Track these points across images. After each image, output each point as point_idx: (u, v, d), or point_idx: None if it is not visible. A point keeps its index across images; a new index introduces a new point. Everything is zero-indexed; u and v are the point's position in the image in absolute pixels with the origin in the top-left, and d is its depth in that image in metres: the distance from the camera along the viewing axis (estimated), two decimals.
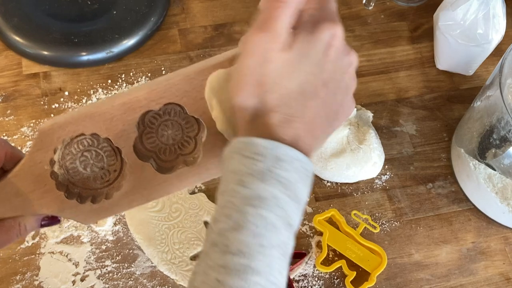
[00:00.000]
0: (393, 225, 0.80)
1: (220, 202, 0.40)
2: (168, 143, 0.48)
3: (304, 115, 0.40)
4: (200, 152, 0.48)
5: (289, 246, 0.40)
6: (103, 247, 0.75)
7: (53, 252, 0.74)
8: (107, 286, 0.73)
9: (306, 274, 0.75)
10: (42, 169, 0.48)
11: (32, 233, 0.75)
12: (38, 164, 0.48)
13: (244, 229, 0.38)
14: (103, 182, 0.49)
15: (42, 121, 0.83)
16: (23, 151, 0.81)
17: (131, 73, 0.88)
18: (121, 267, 0.74)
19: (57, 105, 0.85)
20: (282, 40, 0.40)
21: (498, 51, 0.89)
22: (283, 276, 0.40)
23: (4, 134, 0.82)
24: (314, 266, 0.76)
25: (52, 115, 0.84)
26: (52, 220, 0.50)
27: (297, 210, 0.40)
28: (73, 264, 0.74)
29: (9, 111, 0.84)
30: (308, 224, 0.78)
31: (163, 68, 0.89)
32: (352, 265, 0.75)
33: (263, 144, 0.39)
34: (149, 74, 0.88)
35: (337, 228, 0.77)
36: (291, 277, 0.74)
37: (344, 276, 0.75)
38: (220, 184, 0.41)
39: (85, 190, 0.49)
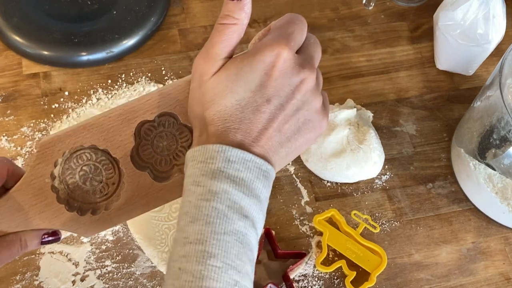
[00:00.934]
0: (393, 225, 0.80)
1: (181, 204, 0.44)
2: (163, 154, 0.50)
3: (245, 127, 0.44)
4: None
5: (248, 236, 0.43)
6: (103, 247, 0.75)
7: (53, 252, 0.74)
8: (107, 286, 0.73)
9: (306, 274, 0.75)
10: (43, 182, 0.49)
11: None
12: (40, 177, 0.49)
13: (199, 220, 0.42)
14: (102, 195, 0.50)
15: (42, 121, 0.83)
16: (23, 151, 0.81)
17: (131, 73, 0.88)
18: (121, 267, 0.74)
19: (57, 105, 0.85)
20: (216, 64, 0.45)
21: (498, 51, 0.89)
22: (244, 262, 0.43)
23: (4, 134, 0.82)
24: (314, 266, 0.76)
25: (52, 115, 0.84)
26: (53, 237, 0.51)
27: (256, 206, 0.44)
28: (73, 264, 0.74)
29: (9, 111, 0.84)
30: (308, 224, 0.78)
31: (163, 68, 0.89)
32: (352, 265, 0.75)
33: (213, 149, 0.43)
34: (149, 74, 0.88)
35: (337, 228, 0.77)
36: (291, 277, 0.74)
37: (344, 276, 0.75)
38: (183, 191, 0.45)
39: (85, 205, 0.50)
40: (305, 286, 0.74)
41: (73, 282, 0.73)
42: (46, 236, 0.51)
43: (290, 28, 0.46)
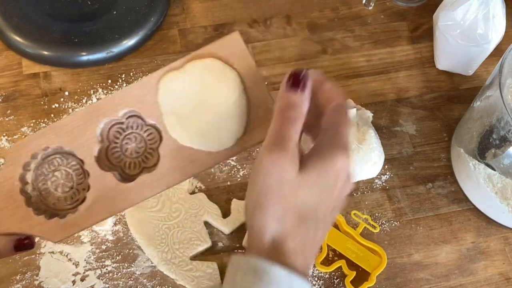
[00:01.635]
0: (393, 225, 0.80)
1: None
2: (132, 157, 0.50)
3: (314, 241, 0.42)
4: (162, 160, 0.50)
5: None
6: (103, 247, 0.75)
7: (53, 252, 0.74)
8: (107, 286, 0.73)
9: None
10: (12, 185, 0.50)
11: None
12: (9, 180, 0.50)
13: None
14: (73, 202, 0.50)
15: (42, 121, 0.83)
16: None
17: (131, 73, 0.88)
18: (121, 267, 0.74)
19: (57, 105, 0.85)
20: (296, 160, 0.41)
21: (498, 51, 0.89)
22: None
23: (4, 134, 0.82)
24: (314, 266, 0.76)
25: (52, 115, 0.84)
26: (25, 244, 0.50)
27: None
28: (73, 264, 0.74)
29: (9, 111, 0.84)
30: None
31: None
32: (352, 265, 0.75)
33: (280, 275, 0.39)
34: (149, 74, 0.88)
35: (337, 228, 0.77)
36: None
37: (344, 276, 0.75)
38: None
39: (56, 211, 0.50)
40: None
41: (73, 282, 0.73)
42: (19, 241, 0.50)
43: (348, 120, 0.44)
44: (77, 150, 0.49)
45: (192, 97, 0.48)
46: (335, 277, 0.75)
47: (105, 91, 0.86)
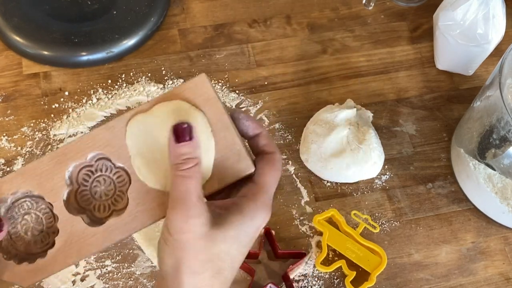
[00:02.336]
0: (393, 225, 0.80)
1: None
2: (102, 200, 0.50)
3: (227, 285, 0.44)
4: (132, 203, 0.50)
5: None
6: None
7: None
8: (107, 286, 0.73)
9: (306, 274, 0.75)
10: None
11: None
12: None
13: None
14: (43, 245, 0.50)
15: (42, 121, 0.83)
16: (23, 151, 0.81)
17: (131, 73, 0.88)
18: (121, 267, 0.74)
19: (57, 105, 0.85)
20: (204, 215, 0.42)
21: (498, 51, 0.89)
22: None
23: (4, 134, 0.82)
24: (314, 266, 0.76)
25: (52, 115, 0.84)
26: None
27: None
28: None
29: (9, 111, 0.84)
30: (308, 224, 0.78)
31: (163, 68, 0.89)
32: (352, 265, 0.75)
33: None
34: (149, 74, 0.88)
35: (337, 228, 0.77)
36: (291, 277, 0.74)
37: (344, 276, 0.75)
38: None
39: (26, 255, 0.50)
40: (305, 286, 0.75)
41: (73, 282, 0.73)
42: None
43: (273, 184, 0.46)
44: (45, 194, 0.49)
45: (160, 140, 0.48)
46: (335, 277, 0.75)
47: (105, 91, 0.86)
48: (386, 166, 0.83)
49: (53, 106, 0.85)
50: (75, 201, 0.50)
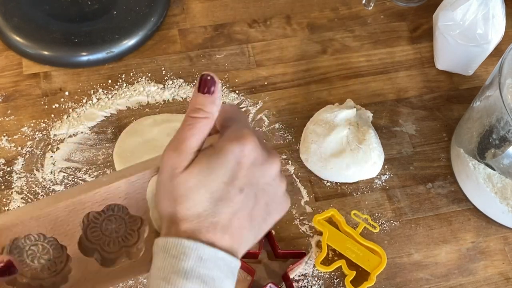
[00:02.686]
0: (393, 225, 0.80)
1: None
2: (112, 236, 0.50)
3: (218, 220, 0.44)
4: (143, 245, 0.50)
5: None
6: None
7: None
8: None
9: (306, 273, 0.75)
10: None
11: None
12: None
13: None
14: (50, 272, 0.50)
15: (42, 121, 0.83)
16: (23, 151, 0.81)
17: (131, 73, 0.88)
18: None
19: (57, 105, 0.85)
20: (188, 158, 0.44)
21: (498, 51, 0.89)
22: None
23: (5, 134, 0.82)
24: (314, 266, 0.76)
25: (52, 115, 0.84)
26: (8, 268, 0.48)
27: None
28: None
29: (9, 111, 0.84)
30: (308, 224, 0.78)
31: (163, 68, 0.89)
32: (351, 264, 0.75)
33: (187, 245, 0.43)
34: (149, 74, 0.88)
35: (337, 228, 0.77)
36: (291, 276, 0.74)
37: (344, 275, 0.75)
38: (148, 278, 0.45)
39: (33, 281, 0.50)
40: (305, 286, 0.75)
41: None
42: (1, 269, 0.48)
43: (242, 118, 0.47)
44: (59, 238, 0.49)
45: None
46: (335, 277, 0.75)
47: (105, 91, 0.86)
48: (386, 166, 0.84)
49: (53, 106, 0.85)
50: (85, 237, 0.50)
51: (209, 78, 0.45)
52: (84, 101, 0.85)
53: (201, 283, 0.43)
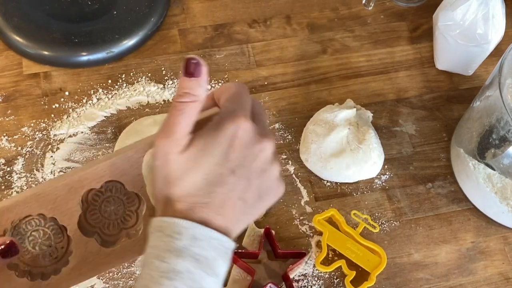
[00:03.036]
0: (393, 225, 0.80)
1: (141, 273, 0.45)
2: (111, 218, 0.51)
3: (211, 201, 0.45)
4: (142, 224, 0.51)
5: None
6: None
7: None
8: (107, 286, 0.73)
9: (306, 273, 0.75)
10: None
11: None
12: None
13: None
14: (51, 259, 0.51)
15: (42, 121, 0.83)
16: (24, 151, 0.81)
17: (131, 73, 0.88)
18: (121, 267, 0.74)
19: (57, 105, 0.85)
20: (181, 143, 0.45)
21: (498, 51, 0.89)
22: None
23: (5, 134, 0.82)
24: (314, 266, 0.76)
25: (52, 115, 0.84)
26: (12, 249, 0.49)
27: (215, 284, 0.45)
28: None
29: (9, 111, 0.84)
30: (307, 224, 0.79)
31: (163, 68, 0.89)
32: (351, 264, 0.75)
33: (181, 224, 0.44)
34: (149, 74, 0.88)
35: (337, 228, 0.77)
36: (291, 276, 0.74)
37: (343, 275, 0.75)
38: (143, 257, 0.45)
39: (35, 268, 0.51)
40: (305, 286, 0.75)
41: None
42: (5, 247, 0.49)
43: (242, 101, 0.47)
44: (59, 218, 0.50)
45: None
46: (335, 277, 0.75)
47: (105, 91, 0.86)
48: (385, 166, 0.84)
49: (53, 106, 0.85)
50: (85, 220, 0.50)
51: (194, 61, 0.45)
52: (84, 101, 0.85)
53: (195, 262, 0.44)
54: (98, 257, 0.50)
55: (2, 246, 0.48)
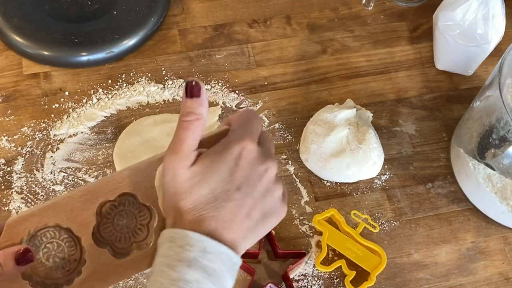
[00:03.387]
0: (393, 225, 0.80)
1: (150, 280, 0.47)
2: (123, 232, 0.53)
3: (218, 215, 0.47)
4: (152, 238, 0.52)
5: None
6: None
7: None
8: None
9: (306, 273, 0.75)
10: None
11: None
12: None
13: None
14: (64, 272, 0.52)
15: (42, 121, 0.83)
16: (24, 151, 0.81)
17: (131, 73, 0.88)
18: None
19: (57, 105, 0.85)
20: (189, 158, 0.48)
21: (498, 51, 0.89)
22: None
23: (5, 134, 0.82)
24: (314, 266, 0.76)
25: (52, 115, 0.84)
26: (27, 256, 0.51)
27: None
28: None
29: (9, 111, 0.84)
30: (307, 224, 0.79)
31: (163, 68, 0.89)
32: (351, 264, 0.75)
33: (192, 236, 0.46)
34: (149, 74, 0.88)
35: (337, 228, 0.77)
36: (291, 276, 0.74)
37: (343, 275, 0.75)
38: (152, 266, 0.48)
39: (48, 279, 0.52)
40: (305, 286, 0.75)
41: None
42: (21, 254, 0.50)
43: (250, 125, 0.50)
44: (74, 228, 0.51)
45: None
46: (335, 277, 0.75)
47: (105, 91, 0.86)
48: (385, 166, 0.84)
49: (54, 106, 0.85)
50: (98, 232, 0.52)
51: (194, 83, 0.49)
52: (84, 101, 0.85)
53: (204, 273, 0.46)
54: (110, 268, 0.52)
55: (18, 253, 0.50)
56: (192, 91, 0.49)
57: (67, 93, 0.86)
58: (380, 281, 0.76)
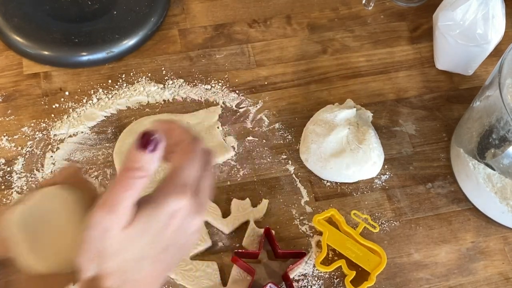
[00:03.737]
0: (393, 224, 0.80)
1: None
2: None
3: (140, 277, 0.44)
4: None
5: None
6: None
7: None
8: None
9: (306, 273, 0.75)
10: None
11: None
12: None
13: None
14: None
15: (42, 121, 0.83)
16: (24, 150, 0.81)
17: (132, 73, 0.88)
18: None
19: (57, 105, 0.85)
20: (124, 219, 0.42)
21: (498, 51, 0.89)
22: None
23: (5, 134, 0.82)
24: (314, 266, 0.76)
25: (52, 115, 0.84)
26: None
27: None
28: None
29: (9, 111, 0.84)
30: (307, 224, 0.79)
31: (163, 68, 0.89)
32: (351, 264, 0.75)
33: None
34: (149, 74, 0.88)
35: (337, 228, 0.77)
36: (291, 276, 0.74)
37: (343, 275, 0.75)
38: None
39: None
40: (305, 286, 0.75)
41: None
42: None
43: (194, 168, 0.45)
44: None
45: (47, 228, 0.47)
46: (335, 277, 0.76)
47: (105, 91, 0.86)
48: (385, 166, 0.84)
49: (54, 106, 0.85)
50: None
51: (156, 137, 0.42)
52: (84, 101, 0.85)
53: None
54: None
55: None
56: (147, 144, 0.42)
57: (67, 93, 0.86)
58: (380, 281, 0.76)
